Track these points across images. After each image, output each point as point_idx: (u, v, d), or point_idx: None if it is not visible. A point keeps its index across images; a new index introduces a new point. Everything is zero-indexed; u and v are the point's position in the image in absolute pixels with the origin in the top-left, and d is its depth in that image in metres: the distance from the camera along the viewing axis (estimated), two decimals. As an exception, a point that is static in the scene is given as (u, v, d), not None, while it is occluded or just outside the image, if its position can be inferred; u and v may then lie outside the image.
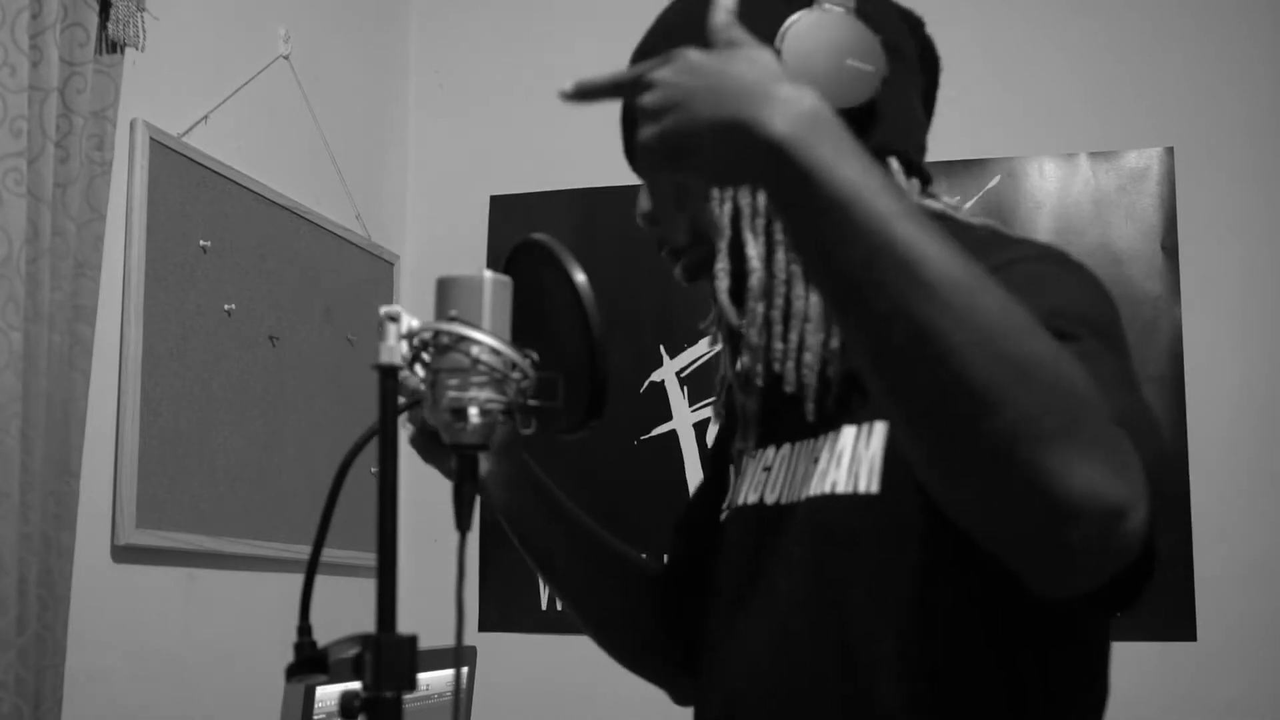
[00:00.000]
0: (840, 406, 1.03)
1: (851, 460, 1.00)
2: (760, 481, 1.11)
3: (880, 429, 0.99)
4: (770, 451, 1.11)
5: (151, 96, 2.31)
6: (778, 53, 1.01)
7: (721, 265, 1.06)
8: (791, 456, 1.07)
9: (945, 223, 1.07)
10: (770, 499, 1.08)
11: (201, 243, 2.41)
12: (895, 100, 1.07)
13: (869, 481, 0.98)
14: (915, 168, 1.09)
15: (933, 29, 1.19)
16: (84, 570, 2.07)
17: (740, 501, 1.13)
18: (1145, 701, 2.60)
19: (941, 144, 1.23)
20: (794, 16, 1.03)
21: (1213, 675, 2.67)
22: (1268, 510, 2.73)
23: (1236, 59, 2.84)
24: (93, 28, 2.07)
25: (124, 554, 2.22)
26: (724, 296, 1.06)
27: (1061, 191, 2.89)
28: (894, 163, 1.06)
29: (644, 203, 1.11)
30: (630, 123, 1.12)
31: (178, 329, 2.34)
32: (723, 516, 1.18)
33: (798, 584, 1.03)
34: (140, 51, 2.18)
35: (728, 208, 1.06)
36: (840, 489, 1.00)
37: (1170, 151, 2.85)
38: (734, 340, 1.12)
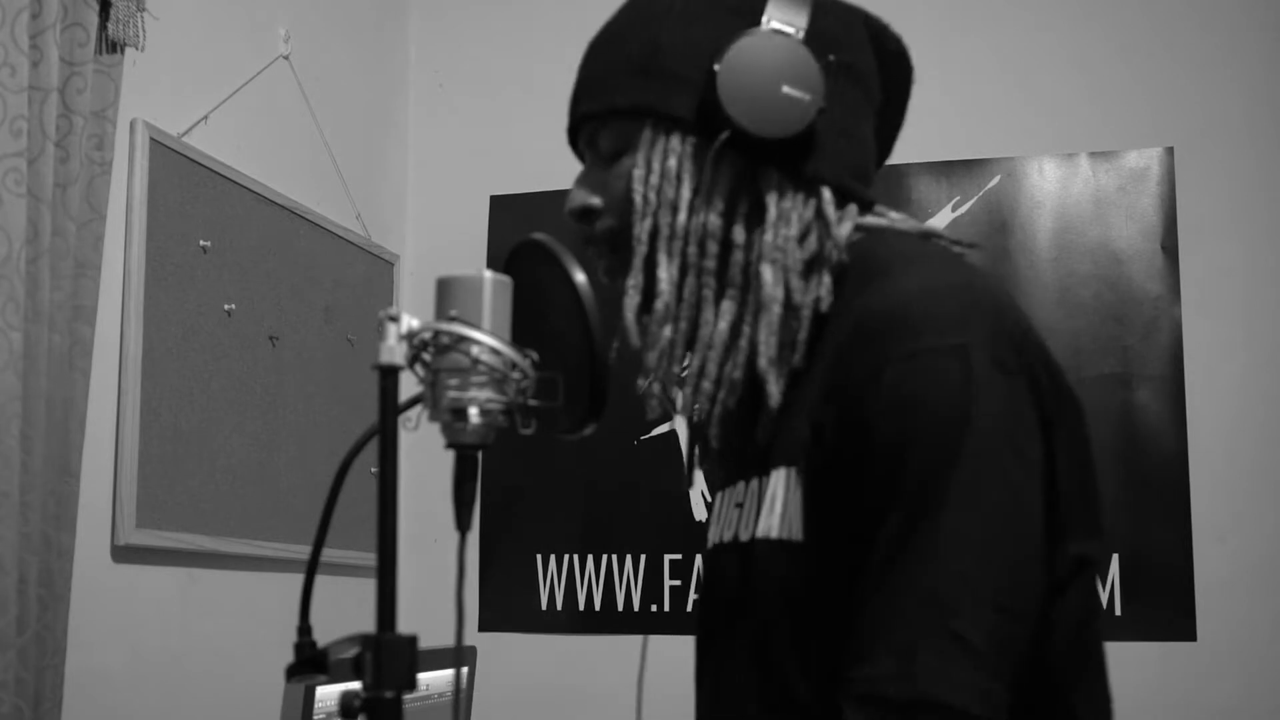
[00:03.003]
0: (776, 446, 1.02)
1: (783, 505, 0.99)
2: (733, 519, 1.09)
3: (794, 474, 0.98)
4: (740, 486, 1.10)
5: (151, 96, 2.31)
6: (714, 72, 1.01)
7: (633, 282, 1.06)
8: (756, 493, 1.06)
9: (883, 235, 1.06)
10: (744, 537, 1.07)
11: (201, 243, 2.41)
12: (835, 126, 1.05)
13: (794, 529, 0.97)
14: (851, 194, 1.07)
15: (933, 30, 1.17)
16: (84, 570, 2.07)
17: (719, 538, 1.12)
18: (1145, 702, 2.59)
19: (941, 144, 1.23)
20: (737, 39, 1.02)
21: (1213, 675, 2.67)
22: (1268, 511, 2.73)
23: (1236, 59, 2.84)
24: (93, 28, 2.07)
25: (124, 554, 2.22)
26: (630, 314, 1.06)
27: (1061, 191, 2.89)
28: (826, 192, 1.04)
29: (577, 197, 1.10)
30: (577, 99, 1.11)
31: (178, 329, 2.34)
32: (708, 550, 1.17)
33: (742, 631, 1.03)
34: (140, 51, 2.18)
35: (648, 224, 1.04)
36: (774, 534, 0.99)
37: (1170, 151, 2.85)
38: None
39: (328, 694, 1.76)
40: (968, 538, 0.89)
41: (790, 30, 1.03)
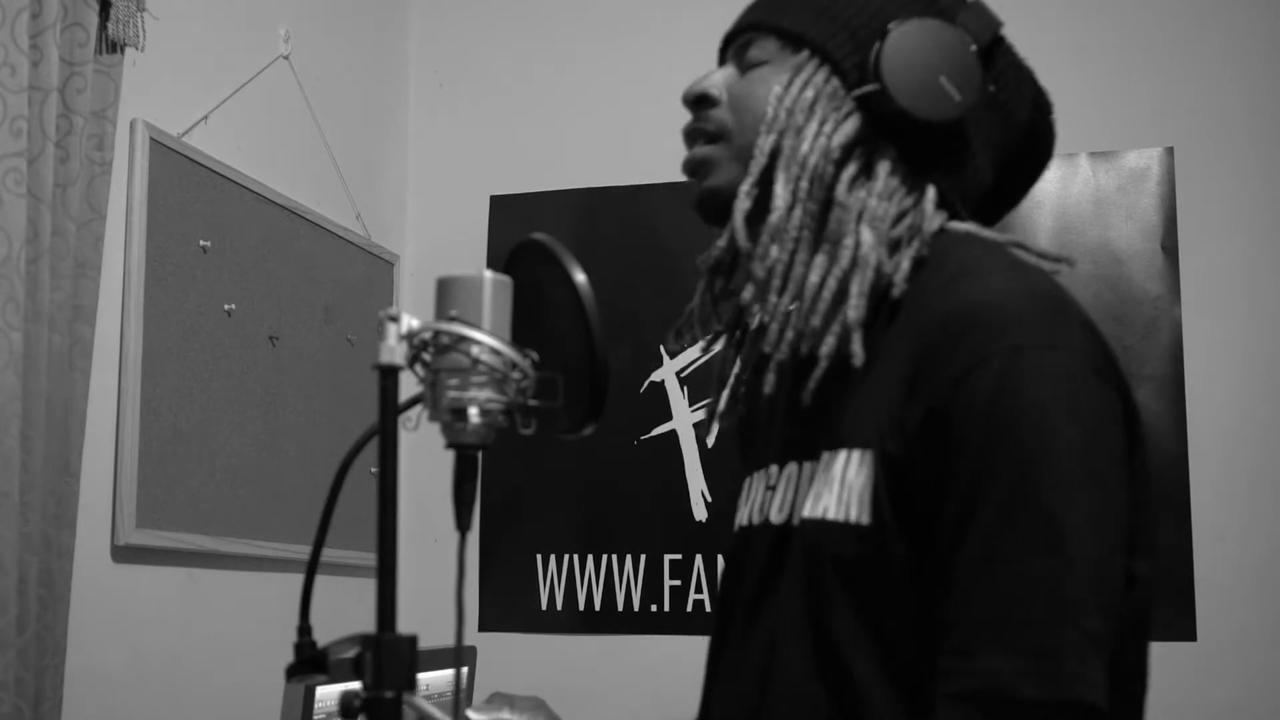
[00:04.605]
0: (834, 427, 1.02)
1: (842, 487, 0.99)
2: (766, 500, 1.10)
3: (869, 458, 0.98)
4: (774, 469, 1.10)
5: (151, 96, 2.30)
6: (885, 33, 1.04)
7: (747, 189, 1.08)
8: (798, 476, 1.07)
9: (963, 238, 1.07)
10: (777, 519, 1.07)
11: (201, 243, 2.41)
12: (964, 144, 1.08)
13: (860, 512, 0.98)
14: (950, 205, 1.08)
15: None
16: (84, 570, 2.07)
17: (748, 520, 1.13)
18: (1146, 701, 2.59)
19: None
20: (926, 16, 1.05)
21: (1213, 675, 2.67)
22: (1268, 511, 2.73)
23: (1236, 59, 2.84)
24: (93, 28, 2.07)
25: (124, 554, 2.22)
26: (740, 217, 1.08)
27: (1061, 191, 2.89)
28: (931, 190, 1.06)
29: (703, 83, 1.13)
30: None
31: (178, 329, 2.34)
32: (735, 530, 1.18)
33: (793, 611, 1.03)
34: (140, 51, 2.18)
35: (771, 139, 1.07)
36: (832, 515, 0.99)
37: (1170, 151, 2.85)
38: (719, 278, 1.14)
39: (328, 694, 1.76)
40: (1079, 532, 0.89)
41: (967, 38, 1.06)
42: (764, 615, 1.06)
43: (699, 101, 1.13)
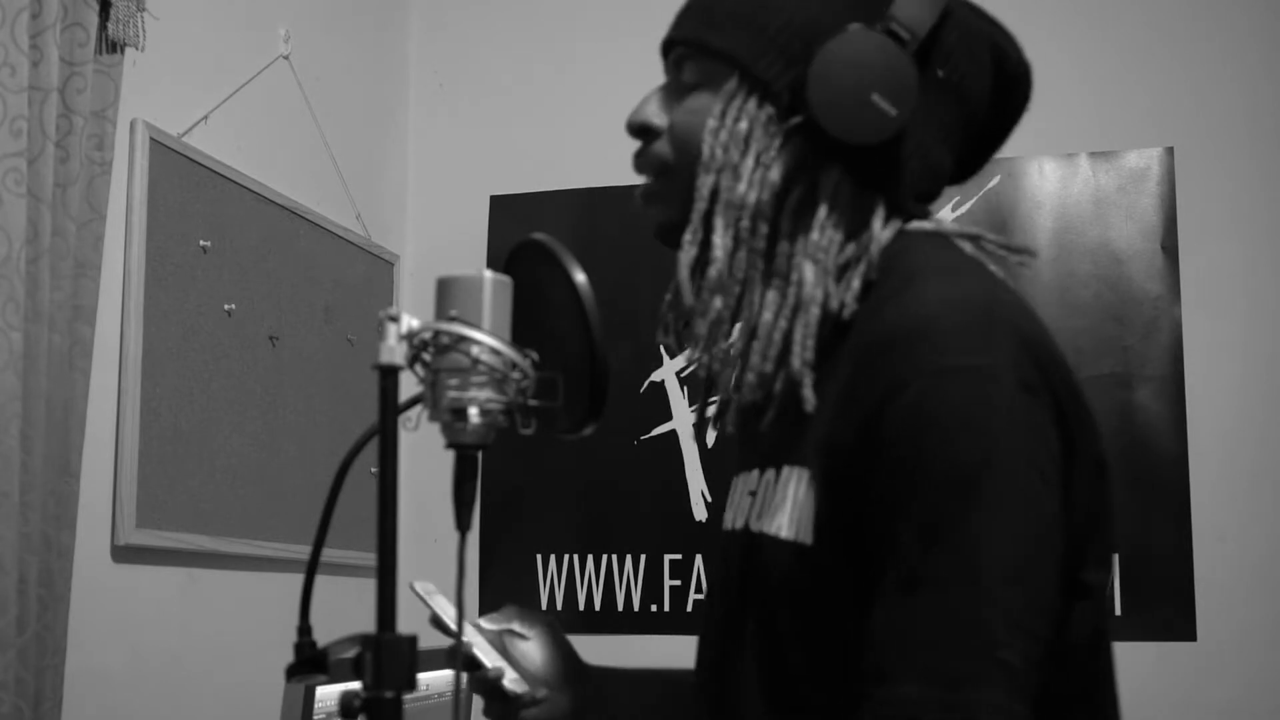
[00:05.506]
0: (792, 443, 1.01)
1: (793, 505, 0.98)
2: (745, 506, 1.09)
3: (810, 477, 0.97)
4: (755, 474, 1.09)
5: (151, 96, 2.30)
6: (811, 57, 1.00)
7: (690, 237, 1.04)
8: (773, 484, 1.05)
9: (920, 242, 1.04)
10: (755, 527, 1.06)
11: (201, 243, 2.41)
12: (917, 146, 1.04)
13: (803, 531, 0.96)
14: (902, 210, 1.04)
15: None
16: (84, 570, 2.07)
17: (729, 525, 1.12)
18: (1145, 702, 2.58)
19: (941, 144, 1.22)
20: (847, 29, 1.00)
21: (1213, 675, 2.67)
22: (1268, 511, 2.73)
23: (1236, 59, 2.84)
24: (93, 28, 2.07)
25: (124, 554, 2.22)
26: (684, 271, 1.05)
27: (1061, 191, 2.89)
28: (880, 208, 1.02)
29: (644, 112, 1.09)
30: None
31: (178, 329, 2.34)
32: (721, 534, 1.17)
33: (743, 619, 1.02)
34: (140, 51, 2.18)
35: (710, 180, 1.03)
36: (784, 533, 0.98)
37: (1170, 151, 2.85)
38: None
39: (328, 694, 1.76)
40: (998, 558, 0.87)
41: (905, 36, 1.00)
42: (735, 620, 1.06)
43: (640, 132, 1.09)
